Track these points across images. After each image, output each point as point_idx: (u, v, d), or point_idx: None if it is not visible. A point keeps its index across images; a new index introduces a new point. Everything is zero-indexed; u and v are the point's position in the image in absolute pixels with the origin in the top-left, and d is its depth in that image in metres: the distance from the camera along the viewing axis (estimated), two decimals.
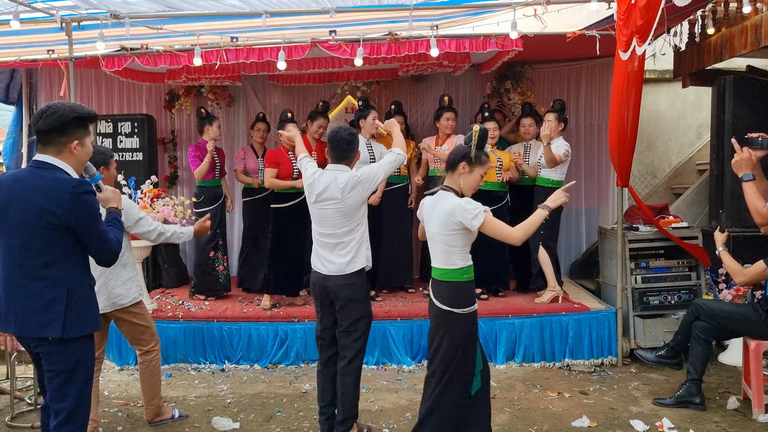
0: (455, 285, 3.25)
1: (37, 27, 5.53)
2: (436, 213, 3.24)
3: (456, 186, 3.27)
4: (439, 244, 3.25)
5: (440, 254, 3.26)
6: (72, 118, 2.70)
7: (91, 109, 2.86)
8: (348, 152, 3.79)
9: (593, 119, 7.31)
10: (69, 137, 2.71)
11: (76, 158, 2.74)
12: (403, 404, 4.52)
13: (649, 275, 5.50)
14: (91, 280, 2.82)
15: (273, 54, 5.40)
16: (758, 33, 5.23)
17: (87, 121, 2.78)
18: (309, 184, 3.80)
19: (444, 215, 3.19)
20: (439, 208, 3.23)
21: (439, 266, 3.28)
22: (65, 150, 2.71)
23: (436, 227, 3.24)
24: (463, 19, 6.06)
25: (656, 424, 4.07)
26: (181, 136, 7.51)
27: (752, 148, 3.64)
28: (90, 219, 2.66)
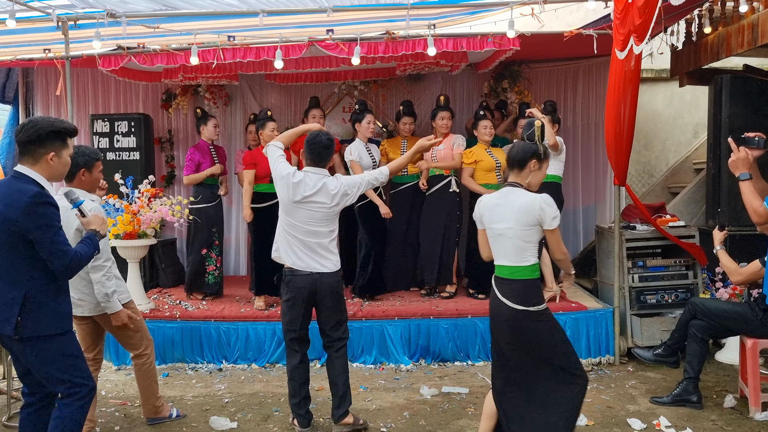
0: (526, 283, 3.13)
1: (34, 26, 5.52)
2: (508, 209, 3.11)
3: (524, 183, 3.18)
4: (511, 240, 3.11)
5: (512, 251, 3.12)
6: (48, 131, 2.87)
7: (71, 124, 3.02)
8: (326, 157, 3.94)
9: (590, 118, 7.32)
10: (46, 149, 2.87)
11: (51, 169, 2.91)
12: (401, 403, 4.52)
13: (646, 274, 5.51)
14: (55, 287, 2.91)
15: (270, 53, 5.40)
16: (755, 32, 5.24)
17: (64, 135, 2.94)
18: (295, 183, 3.84)
19: (520, 210, 3.08)
20: (513, 203, 3.11)
21: (508, 264, 3.14)
22: (41, 161, 2.87)
23: (508, 223, 3.10)
24: (460, 18, 6.06)
25: (653, 422, 4.08)
26: (178, 136, 7.49)
27: (749, 148, 3.64)
28: (42, 229, 2.78)
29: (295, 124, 7.33)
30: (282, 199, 3.93)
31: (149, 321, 5.38)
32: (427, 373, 5.18)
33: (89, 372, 3.07)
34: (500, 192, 3.21)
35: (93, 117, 7.01)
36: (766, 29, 5.09)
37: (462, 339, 5.39)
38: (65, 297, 2.98)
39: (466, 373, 5.16)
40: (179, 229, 6.90)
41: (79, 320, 3.86)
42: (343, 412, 4.00)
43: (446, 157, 5.94)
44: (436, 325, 5.40)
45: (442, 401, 4.55)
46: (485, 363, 5.37)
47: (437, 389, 4.75)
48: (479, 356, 5.40)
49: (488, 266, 5.76)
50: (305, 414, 4.01)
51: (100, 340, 4.04)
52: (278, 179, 3.92)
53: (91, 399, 3.04)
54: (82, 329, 3.91)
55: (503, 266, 3.16)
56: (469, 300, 5.84)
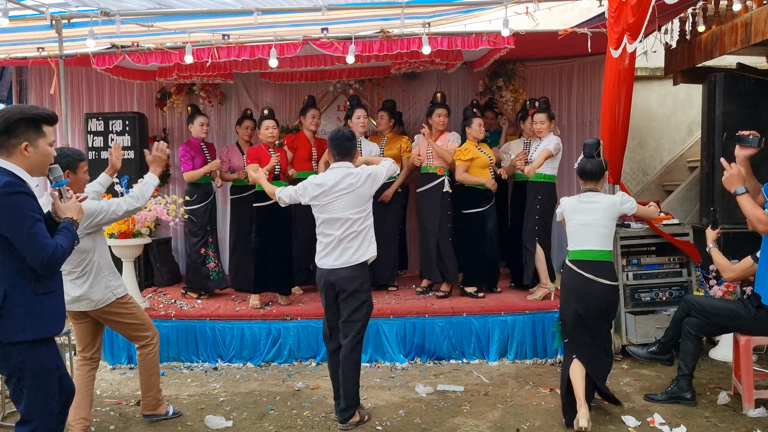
0: (611, 263, 4.01)
1: (27, 24, 5.50)
2: (595, 205, 4.01)
3: (601, 189, 4.14)
4: (599, 229, 3.97)
5: (601, 238, 3.98)
6: (17, 119, 2.62)
7: (47, 110, 2.74)
8: (350, 149, 4.06)
9: (584, 116, 7.34)
10: (17, 139, 2.63)
11: (29, 160, 2.66)
12: (396, 401, 4.53)
13: (640, 272, 5.52)
14: (42, 285, 2.67)
15: (265, 52, 5.39)
16: (748, 30, 5.26)
17: (38, 122, 2.68)
18: (318, 184, 3.99)
19: (607, 206, 4.01)
20: (599, 201, 4.03)
21: (599, 248, 3.97)
22: (16, 152, 2.64)
23: (596, 215, 3.98)
24: (455, 16, 6.06)
25: (648, 419, 4.10)
26: (173, 134, 7.48)
27: (743, 146, 3.65)
28: (14, 220, 2.53)
29: (290, 123, 7.35)
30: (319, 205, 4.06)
31: None
32: (423, 371, 5.19)
33: (54, 405, 2.75)
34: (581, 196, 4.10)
35: (87, 116, 6.99)
36: (759, 28, 5.11)
37: (457, 337, 5.40)
38: (52, 297, 2.72)
39: (461, 371, 5.17)
40: (174, 228, 6.90)
41: (77, 317, 3.86)
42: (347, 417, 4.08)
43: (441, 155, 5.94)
44: (432, 324, 5.41)
45: (437, 399, 4.56)
46: (480, 361, 5.38)
47: (432, 387, 4.75)
48: (474, 354, 5.41)
49: (483, 265, 5.89)
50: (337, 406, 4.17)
51: (97, 339, 4.02)
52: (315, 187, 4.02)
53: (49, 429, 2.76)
54: (80, 327, 3.90)
55: (592, 250, 3.97)
56: (464, 298, 5.84)
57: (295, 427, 4.11)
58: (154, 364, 4.11)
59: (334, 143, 4.04)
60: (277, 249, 5.67)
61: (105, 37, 5.41)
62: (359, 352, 4.04)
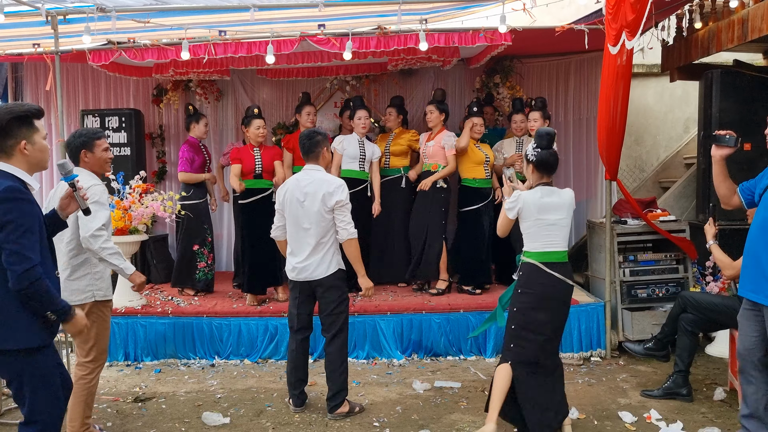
0: (569, 263, 3.77)
1: (23, 20, 5.46)
2: (557, 203, 3.68)
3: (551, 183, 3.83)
4: (563, 229, 3.71)
5: (565, 237, 3.74)
6: (9, 120, 2.58)
7: (33, 105, 2.70)
8: (312, 147, 4.12)
9: (582, 113, 7.34)
10: (15, 139, 2.60)
11: (28, 158, 2.63)
12: (393, 398, 4.53)
13: (637, 268, 5.54)
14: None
15: (261, 48, 5.38)
16: (745, 27, 5.26)
17: (30, 118, 2.64)
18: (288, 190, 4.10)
19: (568, 203, 3.72)
20: (562, 197, 3.71)
21: (562, 249, 3.71)
22: (15, 152, 2.61)
23: (560, 215, 3.68)
24: (452, 13, 6.05)
25: (644, 415, 4.11)
26: (169, 131, 7.46)
27: (719, 146, 3.59)
28: (6, 226, 2.47)
29: (286, 119, 7.34)
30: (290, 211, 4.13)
31: (141, 317, 5.39)
32: (420, 367, 5.19)
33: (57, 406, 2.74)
34: (541, 190, 3.70)
35: (83, 112, 6.97)
36: (756, 24, 5.12)
37: (454, 333, 5.41)
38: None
39: (458, 368, 5.18)
40: (170, 224, 6.88)
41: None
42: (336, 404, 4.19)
43: (436, 154, 5.94)
44: (429, 320, 5.41)
45: (434, 395, 4.57)
46: (477, 357, 5.39)
47: (429, 384, 4.76)
48: (471, 351, 5.42)
49: (479, 263, 5.89)
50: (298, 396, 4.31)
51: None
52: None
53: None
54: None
55: (556, 251, 3.68)
56: (461, 295, 5.85)
57: (292, 424, 4.11)
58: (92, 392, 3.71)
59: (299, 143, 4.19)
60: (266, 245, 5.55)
61: (101, 33, 5.38)
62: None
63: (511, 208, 3.73)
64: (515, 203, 3.71)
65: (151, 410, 4.37)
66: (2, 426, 4.13)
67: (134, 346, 5.36)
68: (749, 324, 3.34)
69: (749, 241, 3.33)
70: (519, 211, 3.71)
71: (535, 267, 3.66)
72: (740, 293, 3.42)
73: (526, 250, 3.72)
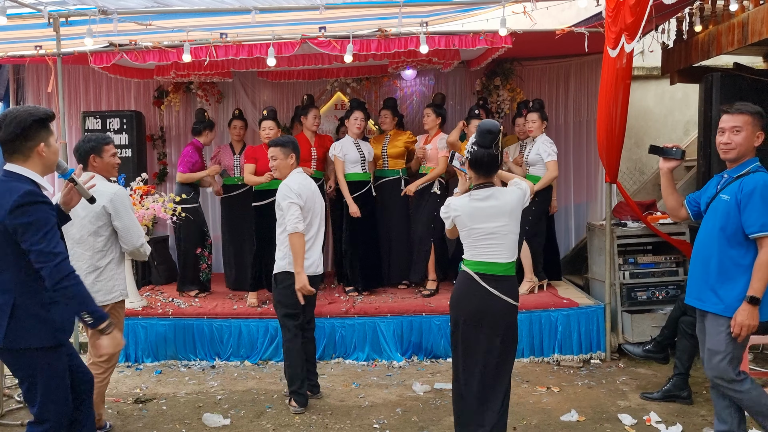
0: (515, 279, 3.32)
1: (25, 22, 5.48)
2: (494, 207, 3.20)
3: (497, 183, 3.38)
4: (507, 237, 3.23)
5: (510, 247, 3.25)
6: (31, 122, 2.68)
7: (47, 108, 2.81)
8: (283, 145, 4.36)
9: (582, 116, 7.35)
10: (34, 141, 2.70)
11: (44, 160, 2.73)
12: (394, 400, 4.54)
13: (637, 271, 5.54)
14: (44, 298, 2.69)
15: (262, 50, 5.39)
16: (745, 30, 5.28)
17: (47, 121, 2.75)
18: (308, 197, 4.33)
19: (510, 207, 3.23)
20: (502, 200, 3.22)
21: (506, 260, 3.23)
22: (32, 154, 2.71)
23: (499, 221, 3.20)
24: (453, 15, 6.06)
25: (644, 418, 4.11)
26: (170, 133, 7.48)
27: (666, 158, 3.62)
28: (30, 229, 2.57)
29: (287, 121, 7.35)
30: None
31: (142, 318, 5.40)
32: (420, 369, 5.20)
33: (66, 406, 2.82)
34: (482, 193, 3.24)
35: (85, 114, 6.98)
36: (756, 28, 5.13)
37: None
38: (60, 305, 2.73)
39: None
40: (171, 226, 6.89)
41: None
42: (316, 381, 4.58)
43: (433, 158, 5.99)
44: (429, 322, 5.42)
45: (434, 397, 4.57)
46: None
47: (429, 385, 4.77)
48: None
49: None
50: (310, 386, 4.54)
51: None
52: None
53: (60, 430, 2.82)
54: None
55: (499, 263, 3.23)
56: None
57: (293, 425, 4.12)
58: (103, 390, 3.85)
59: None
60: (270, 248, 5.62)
61: (103, 35, 5.40)
62: None
63: (446, 217, 3.36)
64: (447, 212, 3.33)
65: (151, 411, 4.38)
66: (3, 427, 4.14)
67: (135, 347, 5.37)
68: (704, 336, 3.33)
69: (696, 250, 3.35)
70: (452, 221, 3.32)
71: (470, 278, 3.24)
72: (687, 301, 3.40)
73: (465, 257, 3.32)
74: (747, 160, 3.22)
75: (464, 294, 3.27)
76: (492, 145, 3.18)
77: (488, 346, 3.20)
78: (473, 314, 3.21)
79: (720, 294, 3.19)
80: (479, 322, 3.20)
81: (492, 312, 3.19)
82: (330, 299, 5.88)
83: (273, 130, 5.76)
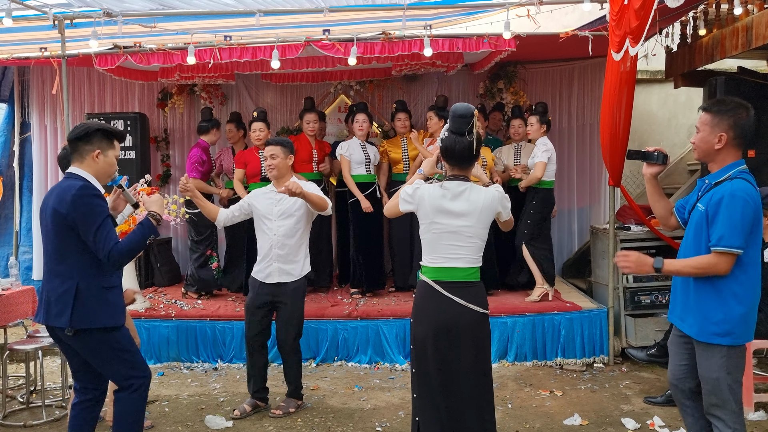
0: (482, 285, 2.95)
1: (30, 24, 5.51)
2: (467, 204, 2.85)
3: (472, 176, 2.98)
4: (470, 240, 2.86)
5: (473, 251, 2.89)
6: (95, 130, 3.04)
7: (119, 129, 3.22)
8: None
9: (585, 119, 7.35)
10: (92, 146, 3.03)
11: (98, 167, 3.04)
12: (396, 402, 4.53)
13: (640, 275, 5.52)
14: (106, 280, 3.02)
15: (266, 53, 5.40)
16: (749, 34, 5.27)
17: (111, 136, 3.09)
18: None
19: (480, 208, 2.86)
20: (473, 199, 2.86)
21: (466, 265, 2.87)
22: (87, 158, 3.03)
23: (465, 221, 2.84)
24: (457, 19, 6.07)
25: (647, 422, 4.10)
26: (174, 135, 7.49)
27: (648, 163, 3.18)
28: (87, 219, 2.90)
29: (290, 124, 7.37)
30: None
31: (145, 320, 5.40)
32: None
33: (144, 363, 3.17)
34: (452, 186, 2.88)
35: (89, 116, 7.00)
36: (760, 32, 5.12)
37: None
38: (117, 291, 3.08)
39: None
40: (174, 228, 6.91)
41: None
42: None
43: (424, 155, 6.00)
44: None
45: None
46: None
47: None
48: None
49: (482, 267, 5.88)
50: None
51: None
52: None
53: (147, 388, 3.15)
54: None
55: (459, 268, 2.87)
56: None
57: (295, 428, 4.11)
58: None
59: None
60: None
61: (107, 37, 5.41)
62: None
63: (406, 201, 2.94)
64: (412, 197, 2.93)
65: (154, 413, 4.38)
66: (6, 428, 4.15)
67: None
68: (679, 352, 2.99)
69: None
70: (415, 209, 2.92)
71: (429, 288, 2.88)
72: (669, 318, 3.09)
73: (422, 263, 2.95)
74: (729, 164, 2.87)
75: (425, 306, 2.89)
76: (465, 132, 2.81)
77: (461, 362, 2.84)
78: (439, 329, 2.83)
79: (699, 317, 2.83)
80: (446, 336, 2.82)
81: (459, 324, 2.82)
82: (333, 302, 5.88)
83: (264, 132, 5.78)
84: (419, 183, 2.97)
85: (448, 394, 2.85)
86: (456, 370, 2.85)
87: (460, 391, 2.85)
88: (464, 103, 2.92)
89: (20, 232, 7.24)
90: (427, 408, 2.88)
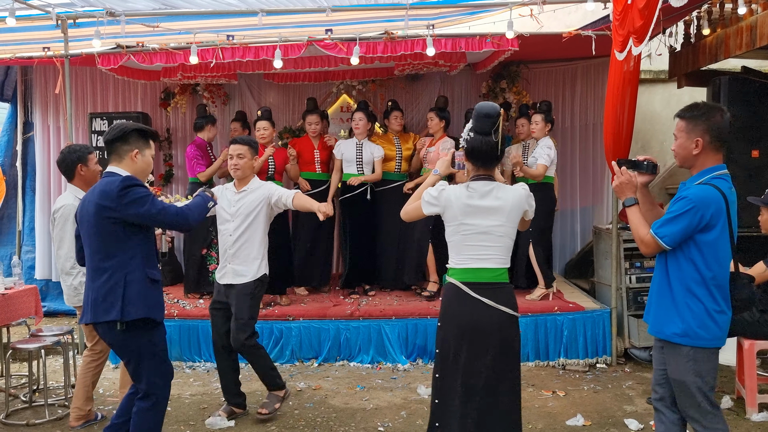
0: (511, 287, 2.90)
1: (33, 24, 5.52)
2: (492, 205, 2.79)
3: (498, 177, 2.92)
4: (501, 240, 2.81)
5: (503, 251, 2.84)
6: (132, 130, 3.13)
7: (153, 129, 3.35)
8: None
9: (588, 119, 7.33)
10: (130, 146, 3.12)
11: (136, 166, 3.14)
12: (398, 403, 4.53)
13: (643, 275, 5.52)
14: (152, 272, 3.11)
15: (269, 53, 5.40)
16: (753, 34, 5.25)
17: (147, 135, 3.20)
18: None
19: (510, 206, 2.81)
20: (502, 198, 2.80)
21: (496, 266, 2.81)
22: (126, 158, 3.12)
23: (495, 220, 2.79)
24: (459, 18, 6.06)
25: (650, 423, 4.08)
26: (176, 135, 7.49)
27: (638, 172, 3.08)
28: (139, 204, 2.98)
29: (293, 123, 7.36)
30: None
31: None
32: (424, 372, 5.18)
33: (169, 374, 3.24)
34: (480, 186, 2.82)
35: (92, 115, 7.00)
36: (764, 31, 5.10)
37: None
38: (160, 286, 3.19)
39: None
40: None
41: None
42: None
43: (434, 160, 5.97)
44: (434, 325, 5.31)
45: None
46: None
47: None
48: None
49: None
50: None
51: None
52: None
53: (164, 406, 3.23)
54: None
55: (489, 269, 2.81)
56: None
57: (298, 428, 4.11)
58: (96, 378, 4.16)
59: None
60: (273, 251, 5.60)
61: (110, 37, 5.42)
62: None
63: (431, 203, 2.86)
64: (437, 200, 2.85)
65: None
66: (9, 426, 4.15)
67: None
68: (658, 357, 2.96)
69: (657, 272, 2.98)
70: (441, 211, 2.86)
71: (457, 290, 2.82)
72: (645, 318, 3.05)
73: (449, 266, 2.91)
74: (705, 168, 2.87)
75: (452, 309, 2.84)
76: (491, 132, 2.78)
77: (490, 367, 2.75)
78: (468, 331, 2.76)
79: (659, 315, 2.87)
80: (474, 339, 2.76)
81: (490, 326, 2.76)
82: (335, 302, 5.88)
83: (268, 131, 5.78)
84: (443, 184, 2.89)
85: (472, 401, 2.74)
86: (483, 375, 2.74)
87: (485, 401, 2.74)
88: (489, 102, 2.91)
89: (23, 231, 7.25)
90: (450, 415, 2.79)
